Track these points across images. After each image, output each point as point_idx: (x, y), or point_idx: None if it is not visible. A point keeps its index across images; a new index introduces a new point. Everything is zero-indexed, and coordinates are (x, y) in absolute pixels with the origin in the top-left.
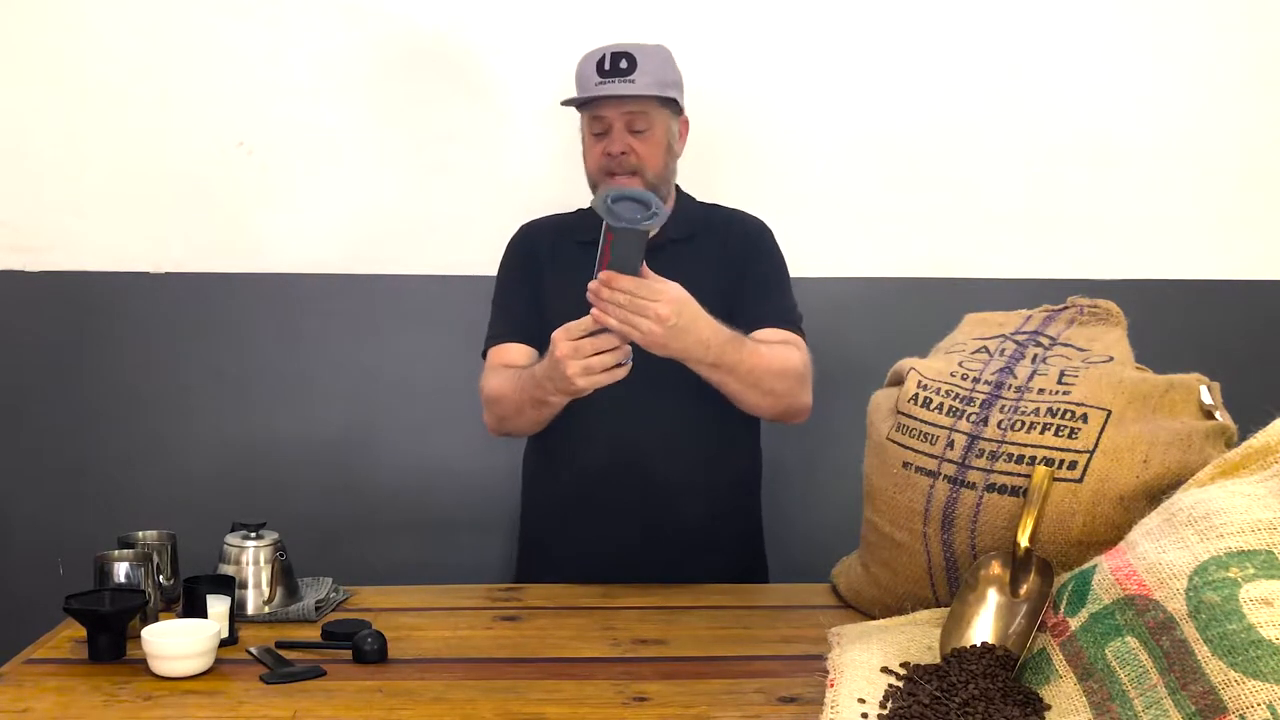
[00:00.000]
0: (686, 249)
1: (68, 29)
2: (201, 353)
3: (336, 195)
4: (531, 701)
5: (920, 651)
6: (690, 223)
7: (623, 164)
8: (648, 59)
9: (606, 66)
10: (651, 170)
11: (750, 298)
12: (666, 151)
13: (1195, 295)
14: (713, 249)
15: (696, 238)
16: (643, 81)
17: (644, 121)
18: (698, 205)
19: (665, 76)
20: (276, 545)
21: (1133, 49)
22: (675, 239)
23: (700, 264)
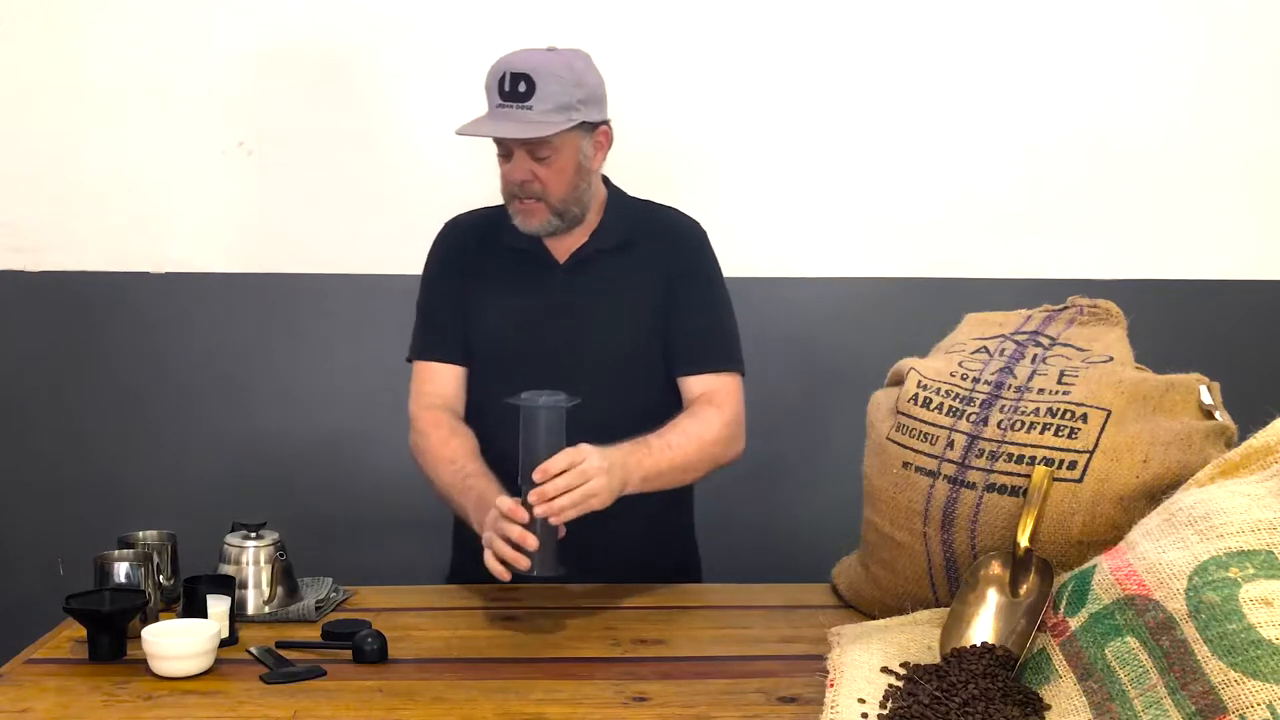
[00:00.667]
0: (617, 260)
1: (67, 29)
2: (201, 353)
3: (335, 195)
4: (531, 701)
5: (920, 651)
6: (620, 230)
7: (526, 190)
8: (549, 80)
9: (506, 88)
10: (555, 197)
11: (686, 332)
12: (575, 173)
13: (1195, 295)
14: (645, 260)
15: (628, 247)
16: (540, 109)
17: (546, 149)
18: (630, 207)
19: (568, 98)
20: (276, 545)
21: (1133, 49)
22: (604, 249)
23: (631, 276)
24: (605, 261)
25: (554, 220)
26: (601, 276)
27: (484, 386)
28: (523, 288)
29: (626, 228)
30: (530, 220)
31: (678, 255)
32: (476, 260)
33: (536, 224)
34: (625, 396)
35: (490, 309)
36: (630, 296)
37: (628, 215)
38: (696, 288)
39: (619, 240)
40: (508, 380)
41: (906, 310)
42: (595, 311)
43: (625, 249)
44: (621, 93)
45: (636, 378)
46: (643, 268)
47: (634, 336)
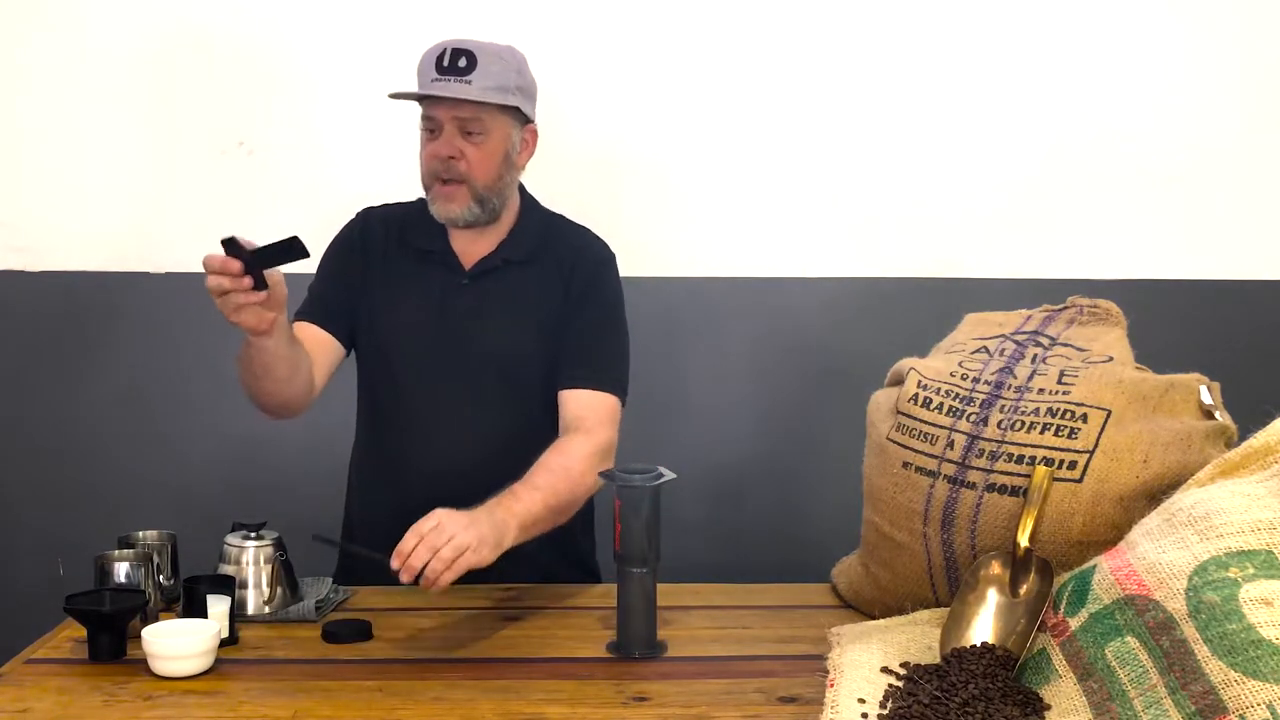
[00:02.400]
0: (521, 272)
1: (68, 29)
2: (201, 353)
3: (336, 195)
4: (531, 701)
5: (920, 651)
6: (529, 242)
7: (451, 169)
8: (491, 60)
9: (445, 63)
10: (480, 180)
11: (571, 347)
12: (503, 161)
13: (1195, 295)
14: (548, 276)
15: (535, 262)
16: (480, 84)
17: (478, 127)
18: (540, 219)
19: (507, 82)
20: (276, 545)
21: (1133, 49)
22: (512, 260)
23: (532, 291)
24: (510, 273)
25: (474, 208)
26: (504, 289)
27: (376, 390)
28: (426, 293)
29: (536, 240)
30: (450, 205)
31: (579, 274)
32: (383, 255)
33: (457, 210)
34: (513, 408)
35: (390, 305)
36: (530, 311)
37: (538, 227)
38: (592, 307)
39: (526, 252)
40: (403, 383)
41: (906, 310)
42: (492, 322)
43: (531, 262)
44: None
45: (525, 390)
46: (545, 283)
47: (527, 350)
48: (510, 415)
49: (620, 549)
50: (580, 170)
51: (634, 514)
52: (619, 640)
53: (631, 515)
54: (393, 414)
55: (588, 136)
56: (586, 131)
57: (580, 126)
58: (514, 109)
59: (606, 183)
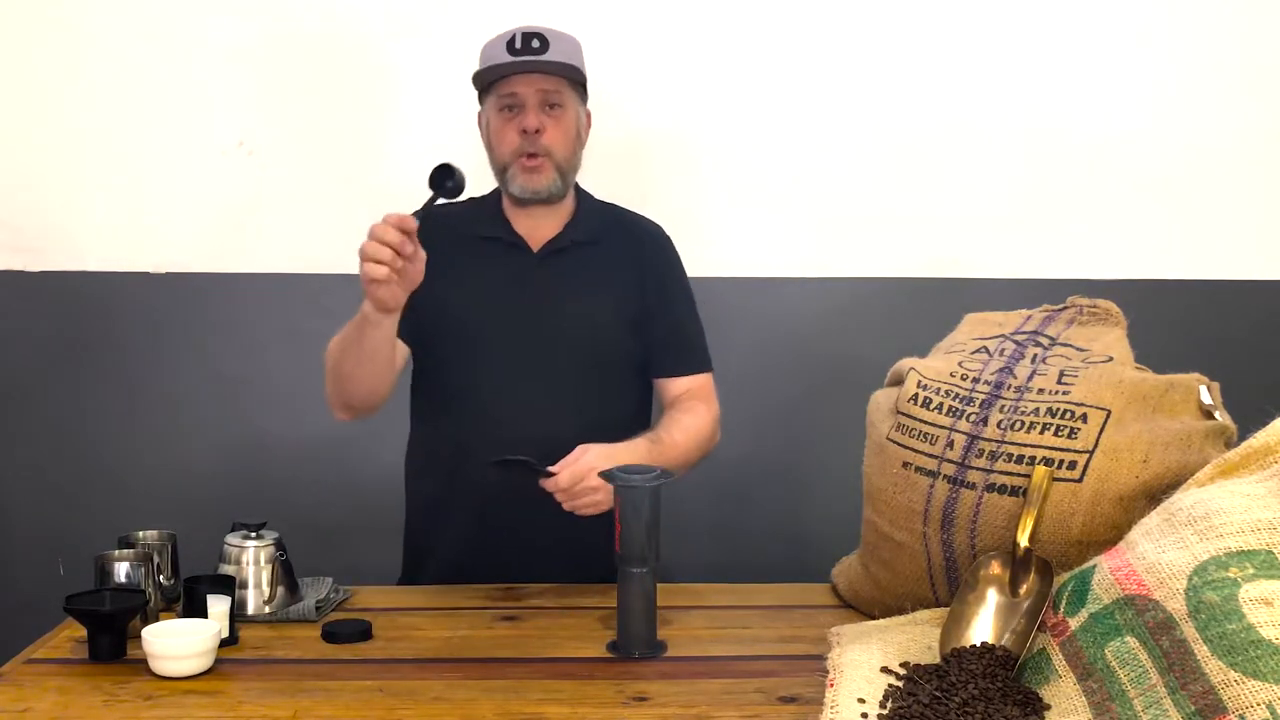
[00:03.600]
0: (589, 252)
1: (68, 29)
2: (201, 353)
3: (336, 195)
4: (531, 701)
5: (920, 651)
6: (594, 225)
7: (535, 143)
8: (559, 40)
9: (518, 45)
10: (560, 154)
11: (665, 336)
12: (575, 138)
13: (1195, 295)
14: (618, 256)
15: (601, 242)
16: (555, 59)
17: (559, 98)
18: (597, 205)
19: (577, 60)
20: (276, 545)
21: (1133, 48)
22: (579, 241)
23: (605, 271)
24: (578, 252)
25: (557, 181)
26: (575, 267)
27: (449, 373)
28: (496, 274)
29: (598, 223)
30: (536, 177)
31: (651, 257)
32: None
33: (543, 182)
34: (591, 386)
35: (459, 295)
36: (602, 288)
37: (598, 212)
38: (670, 293)
39: (592, 234)
40: (475, 365)
41: (906, 310)
42: (567, 300)
43: (597, 243)
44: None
45: (604, 368)
46: (615, 263)
47: (603, 327)
48: (586, 391)
49: (620, 549)
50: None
51: (634, 514)
52: (619, 640)
53: (631, 515)
54: (463, 398)
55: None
56: None
57: None
58: (580, 86)
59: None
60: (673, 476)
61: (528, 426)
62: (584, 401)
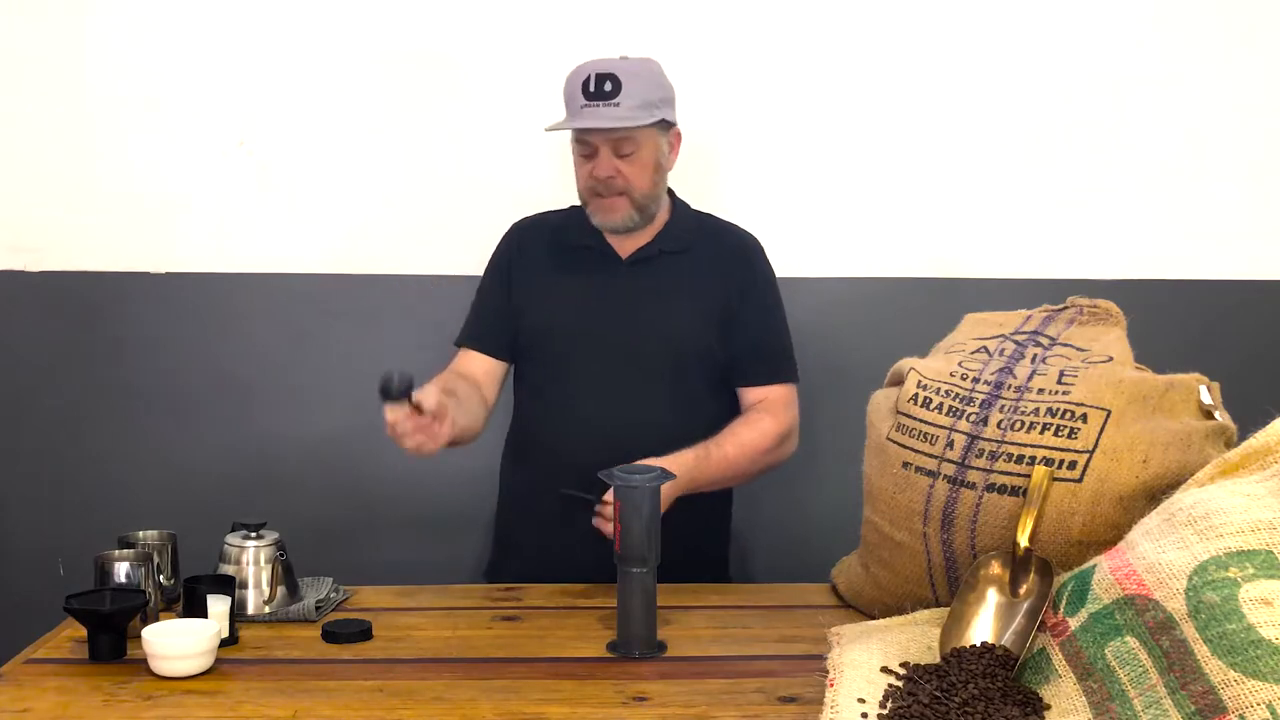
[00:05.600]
0: (678, 261)
1: (67, 29)
2: (201, 353)
3: (336, 195)
4: (531, 701)
5: (920, 651)
6: (685, 235)
7: (610, 186)
8: (633, 80)
9: (591, 88)
10: (639, 191)
11: (746, 345)
12: (655, 171)
13: (1195, 295)
14: (705, 265)
15: (691, 250)
16: (627, 105)
17: (630, 145)
18: (691, 215)
19: (651, 96)
20: (277, 545)
21: (1133, 48)
22: (668, 250)
23: (692, 279)
24: (667, 261)
25: (635, 215)
26: (662, 275)
27: (538, 375)
28: (585, 281)
29: (689, 232)
30: (612, 215)
31: (739, 266)
32: (542, 256)
33: (619, 218)
34: (676, 391)
35: (551, 300)
36: (690, 297)
37: (690, 221)
38: (756, 301)
39: (682, 243)
40: (564, 370)
41: (906, 310)
42: (655, 307)
43: (686, 252)
44: None
45: (689, 374)
46: (703, 272)
47: (690, 335)
48: (671, 397)
49: (620, 549)
50: None
51: (634, 514)
52: (619, 640)
53: (631, 515)
54: (551, 400)
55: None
56: None
57: None
58: (659, 120)
59: None
60: (673, 476)
61: (614, 431)
62: (668, 407)
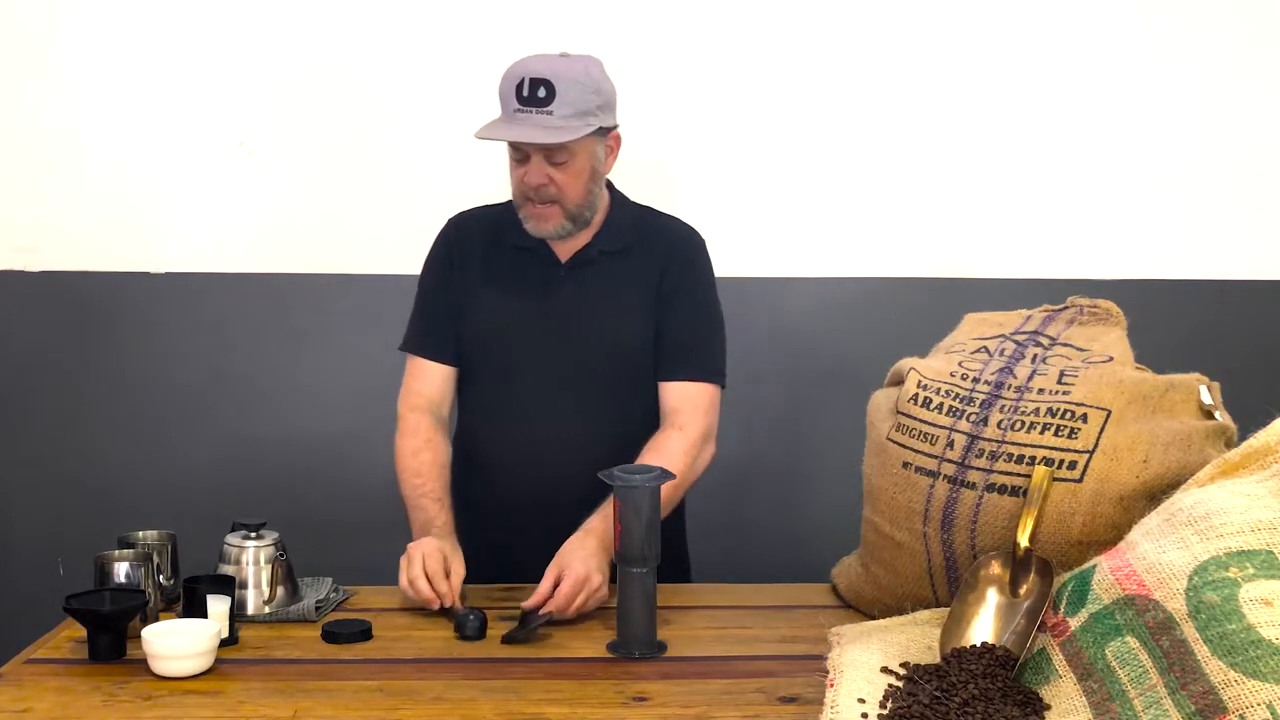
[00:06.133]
0: (617, 263)
1: (67, 29)
2: (201, 353)
3: (336, 195)
4: (531, 701)
5: (920, 651)
6: (623, 234)
7: (542, 194)
8: (569, 86)
9: (525, 93)
10: (571, 200)
11: (670, 337)
12: (590, 179)
13: (1195, 295)
14: (644, 265)
15: (628, 251)
16: (560, 114)
17: (564, 154)
18: (631, 212)
19: (586, 104)
20: (277, 545)
21: (1133, 48)
22: (607, 251)
23: (631, 280)
24: (606, 263)
25: (567, 224)
26: (602, 278)
27: (479, 381)
28: (524, 285)
29: (628, 232)
30: (544, 224)
31: (673, 261)
32: (479, 257)
33: (550, 228)
34: (621, 396)
35: (490, 305)
36: (629, 298)
37: (630, 220)
38: (687, 295)
39: (621, 244)
40: (505, 375)
41: (906, 310)
42: (595, 311)
43: (625, 253)
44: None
45: (632, 378)
46: (641, 271)
47: (632, 337)
48: (613, 400)
49: (620, 549)
50: None
51: (634, 514)
52: (619, 640)
53: (631, 515)
54: (495, 405)
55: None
56: None
57: None
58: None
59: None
60: (674, 476)
61: (556, 435)
62: (610, 412)
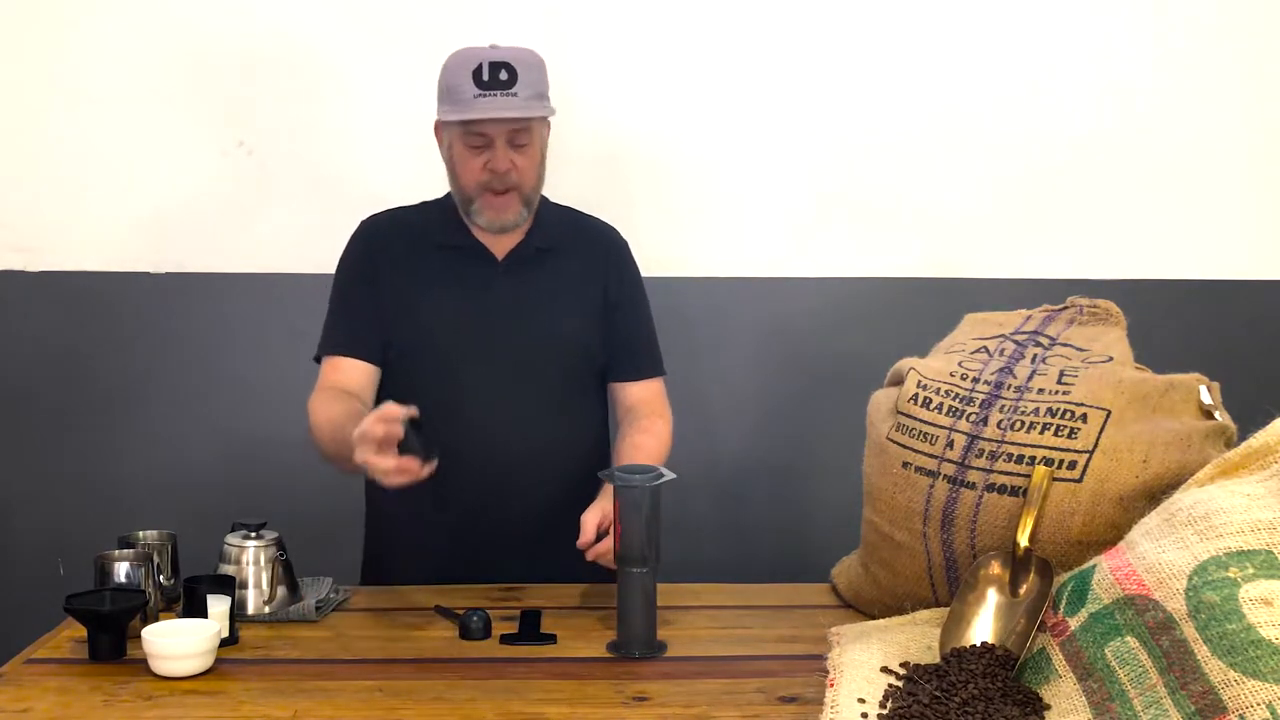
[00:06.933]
0: (553, 260)
1: (67, 29)
2: (201, 353)
3: (336, 195)
4: (531, 701)
5: (920, 651)
6: (554, 231)
7: (504, 180)
8: (527, 69)
9: (485, 77)
10: (529, 186)
11: (624, 341)
12: (541, 163)
13: (1195, 295)
14: (581, 263)
15: (563, 248)
16: (525, 95)
17: (525, 136)
18: (555, 210)
19: (542, 86)
20: (277, 545)
21: (1133, 48)
22: (542, 248)
23: (570, 278)
24: (544, 260)
25: (524, 212)
26: (542, 275)
27: (419, 381)
28: (462, 284)
29: (559, 229)
30: (503, 214)
31: (612, 263)
32: (404, 258)
33: (510, 217)
34: (562, 393)
35: (426, 305)
36: (570, 295)
37: (558, 218)
38: (631, 297)
39: (554, 240)
40: (448, 376)
41: (906, 310)
42: (534, 308)
43: (559, 250)
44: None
45: (574, 375)
46: (578, 270)
47: (574, 334)
48: (558, 399)
49: (620, 549)
50: (582, 170)
51: (634, 514)
52: (619, 640)
53: (631, 515)
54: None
55: (590, 136)
56: (588, 131)
57: (582, 126)
58: None
59: (607, 182)
60: (674, 476)
61: (498, 435)
62: (556, 410)
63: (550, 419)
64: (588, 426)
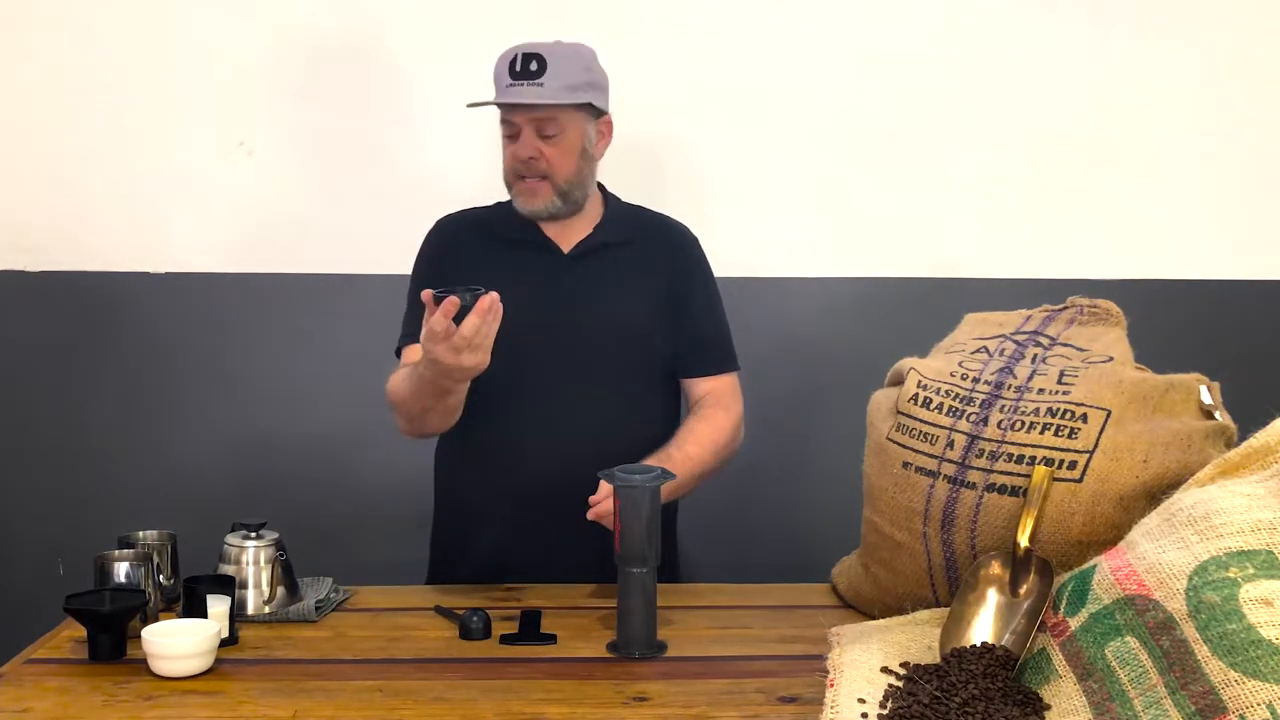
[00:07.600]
0: (621, 253)
1: (68, 29)
2: (201, 353)
3: (336, 195)
4: (531, 701)
5: (920, 651)
6: (623, 227)
7: (532, 168)
8: (560, 61)
9: (517, 68)
10: (561, 176)
11: (693, 336)
12: (580, 156)
13: (1195, 295)
14: (648, 258)
15: (631, 243)
16: (551, 86)
17: (554, 127)
18: (626, 208)
19: (576, 80)
20: (276, 545)
21: (1133, 48)
22: (609, 243)
23: (636, 272)
24: (610, 254)
25: (557, 201)
26: (607, 267)
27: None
28: (528, 276)
29: (628, 225)
30: (533, 200)
31: (679, 258)
32: (473, 253)
33: (540, 204)
34: (626, 385)
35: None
36: (635, 289)
37: (626, 214)
38: (699, 292)
39: (622, 235)
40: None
41: (906, 310)
42: (599, 300)
43: (627, 244)
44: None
45: (637, 367)
46: (646, 264)
47: (639, 327)
48: (619, 391)
49: (620, 549)
50: None
51: (634, 514)
52: (619, 640)
53: (632, 515)
54: (500, 399)
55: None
56: None
57: None
58: (587, 105)
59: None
60: (674, 476)
61: (562, 427)
62: (617, 401)
63: (611, 409)
64: (652, 420)
